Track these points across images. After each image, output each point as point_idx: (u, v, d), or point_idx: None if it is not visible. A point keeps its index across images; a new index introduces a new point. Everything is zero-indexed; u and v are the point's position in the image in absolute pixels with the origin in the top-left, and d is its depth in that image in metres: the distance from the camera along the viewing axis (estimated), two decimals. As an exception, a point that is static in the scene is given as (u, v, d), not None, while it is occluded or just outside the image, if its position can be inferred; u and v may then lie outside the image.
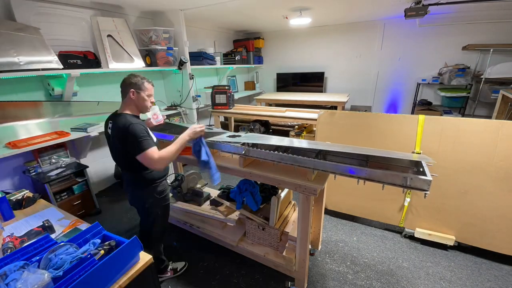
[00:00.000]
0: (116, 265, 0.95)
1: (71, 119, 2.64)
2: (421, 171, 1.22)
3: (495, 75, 3.59)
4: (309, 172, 1.37)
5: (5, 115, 2.15)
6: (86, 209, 2.60)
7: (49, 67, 2.15)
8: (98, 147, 3.09)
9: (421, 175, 1.14)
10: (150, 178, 1.52)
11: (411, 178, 1.14)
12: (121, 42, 2.82)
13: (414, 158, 1.28)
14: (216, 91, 3.76)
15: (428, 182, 1.11)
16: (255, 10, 3.45)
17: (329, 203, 2.54)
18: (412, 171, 1.30)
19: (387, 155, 1.30)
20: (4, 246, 1.15)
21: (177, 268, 1.91)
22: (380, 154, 1.30)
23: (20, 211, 1.53)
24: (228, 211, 2.06)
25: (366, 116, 2.29)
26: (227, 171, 1.67)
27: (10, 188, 2.33)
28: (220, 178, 1.54)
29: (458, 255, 2.03)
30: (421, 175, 1.14)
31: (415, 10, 3.00)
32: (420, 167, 1.26)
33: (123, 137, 1.34)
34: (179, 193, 2.29)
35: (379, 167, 1.28)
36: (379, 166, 1.36)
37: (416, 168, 1.31)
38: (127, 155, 1.38)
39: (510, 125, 1.77)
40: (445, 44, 4.13)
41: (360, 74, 4.96)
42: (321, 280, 1.83)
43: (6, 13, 2.15)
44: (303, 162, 1.37)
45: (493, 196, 1.86)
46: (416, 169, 1.30)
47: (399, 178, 1.16)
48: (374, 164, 1.42)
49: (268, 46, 5.70)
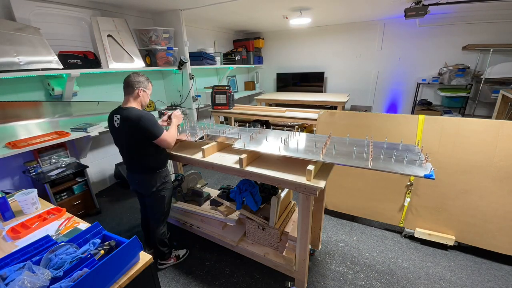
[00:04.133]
0: (116, 265, 0.95)
1: (71, 119, 2.64)
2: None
3: (495, 75, 3.59)
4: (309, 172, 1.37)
5: (5, 115, 2.15)
6: (86, 209, 2.60)
7: (49, 67, 2.15)
8: (98, 147, 3.09)
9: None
10: (158, 164, 1.71)
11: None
12: (121, 42, 2.83)
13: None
14: (216, 91, 3.76)
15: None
16: (255, 10, 3.45)
17: (329, 203, 2.54)
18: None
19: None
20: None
21: (180, 255, 2.04)
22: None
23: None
24: (228, 211, 2.06)
25: (366, 116, 2.29)
26: (227, 171, 1.67)
27: (10, 188, 2.33)
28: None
29: (458, 255, 2.03)
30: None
31: (415, 10, 3.00)
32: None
33: (139, 125, 1.48)
34: (179, 193, 2.29)
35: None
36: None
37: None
38: (140, 142, 1.56)
39: (510, 125, 1.77)
40: (445, 44, 4.13)
41: (360, 74, 4.96)
42: (321, 280, 1.83)
43: (6, 13, 2.15)
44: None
45: (493, 196, 1.86)
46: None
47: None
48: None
49: (268, 46, 5.70)
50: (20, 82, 2.26)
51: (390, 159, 1.39)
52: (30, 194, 1.46)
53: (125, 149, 1.67)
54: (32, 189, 1.50)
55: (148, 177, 1.68)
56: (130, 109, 1.53)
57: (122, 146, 1.68)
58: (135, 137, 1.56)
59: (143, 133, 1.52)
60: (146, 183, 1.69)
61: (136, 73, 1.61)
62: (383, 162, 1.36)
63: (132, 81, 1.58)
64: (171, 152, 1.89)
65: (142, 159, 1.64)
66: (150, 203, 1.79)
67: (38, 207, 1.50)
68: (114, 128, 1.61)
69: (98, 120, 2.83)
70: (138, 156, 1.63)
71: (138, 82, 1.58)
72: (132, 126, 1.51)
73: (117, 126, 1.57)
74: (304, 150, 1.53)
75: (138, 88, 1.58)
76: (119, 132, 1.60)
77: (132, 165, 1.71)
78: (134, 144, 1.59)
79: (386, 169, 1.29)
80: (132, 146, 1.61)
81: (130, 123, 1.50)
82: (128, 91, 1.59)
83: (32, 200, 1.46)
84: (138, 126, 1.49)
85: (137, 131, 1.52)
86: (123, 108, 1.57)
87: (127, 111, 1.53)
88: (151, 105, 3.44)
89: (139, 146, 1.60)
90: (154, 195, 1.73)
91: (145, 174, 1.68)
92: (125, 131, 1.56)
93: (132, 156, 1.66)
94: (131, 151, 1.64)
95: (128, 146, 1.64)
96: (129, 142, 1.61)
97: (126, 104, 1.59)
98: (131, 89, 1.58)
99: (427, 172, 1.23)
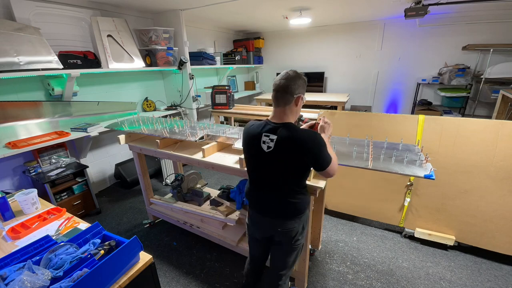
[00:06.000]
0: (116, 265, 0.95)
1: (71, 119, 2.64)
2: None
3: (495, 75, 3.59)
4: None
5: (5, 115, 2.15)
6: (86, 209, 2.60)
7: (49, 67, 2.15)
8: (98, 147, 3.09)
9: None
10: (307, 204, 1.25)
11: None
12: (121, 42, 2.83)
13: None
14: (216, 91, 3.76)
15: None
16: (255, 10, 3.45)
17: (329, 203, 2.54)
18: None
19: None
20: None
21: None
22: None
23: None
24: (228, 211, 2.06)
25: (366, 116, 2.29)
26: (227, 171, 1.67)
27: (10, 188, 2.34)
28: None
29: (458, 255, 2.03)
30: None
31: (415, 10, 3.00)
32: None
33: (310, 151, 1.07)
34: (179, 193, 2.29)
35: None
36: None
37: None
38: (300, 173, 1.15)
39: (510, 125, 1.77)
40: (445, 44, 4.13)
41: (360, 74, 4.96)
42: (321, 280, 1.83)
43: (6, 13, 2.15)
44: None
45: (493, 196, 1.86)
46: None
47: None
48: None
49: (268, 46, 5.70)
50: (20, 82, 2.26)
51: (390, 159, 1.40)
52: (30, 194, 1.45)
53: (272, 182, 1.19)
54: (32, 189, 1.50)
55: (293, 222, 1.21)
56: (292, 127, 1.11)
57: (264, 177, 1.21)
58: (295, 167, 1.12)
59: (310, 161, 1.10)
60: (290, 229, 1.21)
61: (294, 75, 1.11)
62: (383, 162, 1.36)
63: (291, 85, 1.09)
64: (171, 152, 1.88)
65: (293, 197, 1.18)
66: (283, 254, 1.30)
67: (38, 207, 1.50)
68: (260, 152, 1.14)
69: (98, 120, 2.83)
70: (289, 192, 1.18)
71: (298, 87, 1.11)
72: (297, 151, 1.08)
73: (268, 150, 1.12)
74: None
75: (298, 95, 1.12)
76: (269, 158, 1.13)
77: (272, 205, 1.22)
78: (290, 177, 1.15)
79: (386, 169, 1.30)
80: (286, 179, 1.16)
81: (296, 147, 1.07)
82: (284, 99, 1.11)
83: (32, 200, 1.46)
84: (307, 152, 1.07)
85: (301, 158, 1.09)
86: (277, 125, 1.12)
87: (289, 130, 1.09)
88: (151, 105, 3.44)
89: (296, 179, 1.16)
90: (293, 244, 1.26)
91: (290, 219, 1.21)
92: (282, 158, 1.11)
93: (280, 193, 1.19)
94: (281, 186, 1.17)
95: (279, 178, 1.16)
96: (283, 173, 1.14)
97: (281, 118, 1.14)
98: (289, 97, 1.11)
99: (427, 173, 1.23)
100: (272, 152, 1.11)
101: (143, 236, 2.34)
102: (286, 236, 1.23)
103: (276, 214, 1.22)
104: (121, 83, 3.12)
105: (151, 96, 3.51)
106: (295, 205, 1.19)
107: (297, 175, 1.15)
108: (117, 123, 2.28)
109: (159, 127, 2.09)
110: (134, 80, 3.27)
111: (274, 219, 1.22)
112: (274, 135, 1.11)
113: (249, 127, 1.22)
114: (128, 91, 3.21)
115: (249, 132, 1.20)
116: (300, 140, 1.07)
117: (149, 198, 2.42)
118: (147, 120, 2.32)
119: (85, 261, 0.94)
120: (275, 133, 1.11)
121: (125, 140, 2.12)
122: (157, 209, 2.38)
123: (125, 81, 3.16)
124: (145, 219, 2.55)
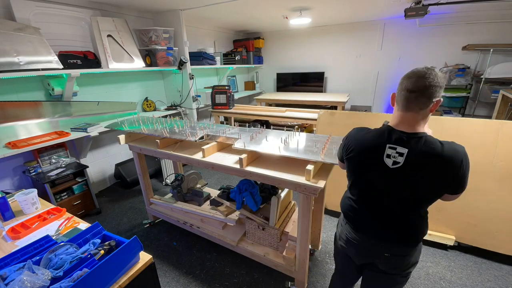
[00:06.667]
0: (116, 265, 0.95)
1: (71, 119, 2.64)
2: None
3: (495, 75, 3.59)
4: (308, 171, 1.37)
5: (5, 115, 2.15)
6: (86, 209, 2.60)
7: (49, 67, 2.15)
8: (98, 147, 3.09)
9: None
10: (427, 230, 1.03)
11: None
12: (121, 42, 2.83)
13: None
14: (216, 91, 3.76)
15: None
16: (255, 10, 3.45)
17: (329, 203, 2.54)
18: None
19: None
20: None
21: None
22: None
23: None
24: (228, 211, 2.06)
25: (366, 116, 2.29)
26: (227, 171, 1.67)
27: (10, 188, 2.34)
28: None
29: (458, 255, 2.03)
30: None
31: (415, 10, 3.00)
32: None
33: (457, 172, 0.88)
34: (179, 193, 2.29)
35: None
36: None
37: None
38: (432, 196, 0.94)
39: (510, 125, 1.77)
40: (445, 44, 4.13)
41: (360, 74, 4.96)
42: (321, 280, 1.83)
43: (6, 13, 2.15)
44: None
45: (493, 196, 1.86)
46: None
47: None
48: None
49: (268, 46, 5.70)
50: (20, 82, 2.26)
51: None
52: (30, 194, 1.46)
53: (393, 203, 0.98)
54: (32, 189, 1.50)
55: (410, 250, 1.02)
56: (430, 140, 0.89)
57: (382, 197, 0.99)
58: (428, 189, 0.92)
59: (451, 184, 0.90)
60: (404, 258, 1.03)
61: (438, 73, 0.88)
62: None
63: (433, 87, 0.85)
64: (171, 152, 1.88)
65: (415, 221, 0.99)
66: (389, 285, 1.12)
67: (38, 207, 1.50)
68: (381, 167, 0.94)
69: (98, 120, 2.83)
70: (414, 217, 0.98)
71: (440, 89, 0.87)
72: (438, 172, 0.87)
73: (394, 166, 0.92)
74: (304, 150, 1.53)
75: (437, 98, 0.87)
76: (393, 176, 0.93)
77: (388, 230, 1.02)
78: (419, 199, 0.95)
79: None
80: (413, 202, 0.95)
81: (437, 167, 0.87)
82: (419, 103, 0.88)
83: (32, 200, 1.46)
84: (450, 174, 0.88)
85: (440, 181, 0.89)
86: (407, 135, 0.91)
87: (427, 143, 0.88)
88: (151, 105, 3.44)
89: (425, 203, 0.96)
90: (404, 275, 1.08)
91: (407, 246, 1.01)
92: (412, 177, 0.90)
93: (403, 217, 0.99)
94: (404, 209, 0.98)
95: (405, 201, 0.96)
96: (410, 194, 0.94)
97: (412, 126, 0.91)
98: (426, 100, 0.87)
99: None
100: (399, 169, 0.90)
101: (143, 236, 2.34)
102: (397, 263, 1.04)
103: (393, 238, 1.01)
104: (121, 83, 3.12)
105: (151, 96, 3.51)
106: (416, 230, 1.00)
107: (428, 199, 0.94)
108: (117, 123, 2.28)
109: (159, 127, 2.09)
110: (134, 80, 3.27)
111: (388, 243, 1.02)
112: (403, 147, 0.89)
113: (364, 134, 1.01)
114: (128, 91, 3.22)
115: (365, 140, 0.99)
116: (445, 159, 0.85)
117: (149, 198, 2.42)
118: (147, 120, 2.32)
119: (85, 261, 0.95)
120: (405, 146, 0.89)
121: (125, 140, 2.12)
122: (157, 209, 2.38)
123: (125, 81, 3.16)
124: (145, 219, 2.55)
